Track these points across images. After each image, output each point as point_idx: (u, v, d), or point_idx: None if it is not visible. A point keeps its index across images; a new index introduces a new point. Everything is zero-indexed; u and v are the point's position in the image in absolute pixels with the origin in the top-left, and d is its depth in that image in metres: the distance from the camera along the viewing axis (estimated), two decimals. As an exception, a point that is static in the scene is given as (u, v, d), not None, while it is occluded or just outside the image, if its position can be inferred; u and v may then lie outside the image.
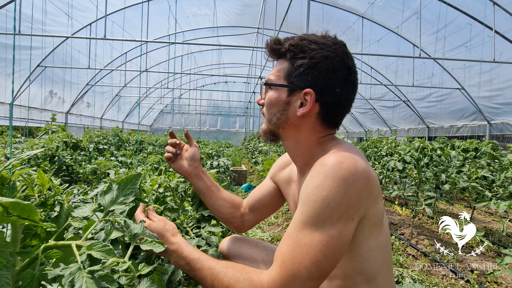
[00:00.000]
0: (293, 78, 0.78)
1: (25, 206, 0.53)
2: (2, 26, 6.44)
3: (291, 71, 0.78)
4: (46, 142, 3.08)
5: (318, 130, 0.82)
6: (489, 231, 3.52)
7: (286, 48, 0.78)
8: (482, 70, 7.52)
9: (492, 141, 4.73)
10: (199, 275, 0.73)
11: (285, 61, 0.80)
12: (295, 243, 0.65)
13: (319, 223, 0.64)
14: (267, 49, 0.84)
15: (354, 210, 0.66)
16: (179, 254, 0.77)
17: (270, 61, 0.89)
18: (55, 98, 9.97)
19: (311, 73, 0.76)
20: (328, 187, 0.64)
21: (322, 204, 0.64)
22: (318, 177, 0.67)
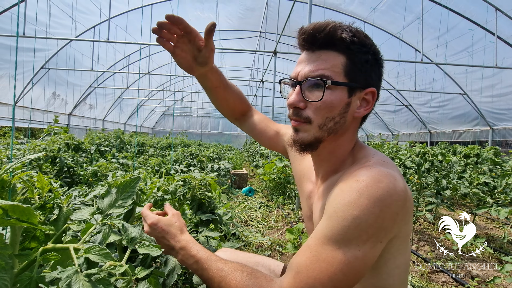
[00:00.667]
0: (356, 75, 0.68)
1: (24, 209, 0.54)
2: (7, 28, 6.52)
3: (352, 67, 0.67)
4: (48, 144, 3.10)
5: (356, 132, 0.77)
6: (490, 238, 3.49)
7: (350, 38, 0.66)
8: (484, 75, 7.52)
9: (494, 147, 4.72)
10: (206, 275, 0.71)
11: (339, 54, 0.67)
12: (314, 256, 0.61)
13: (345, 242, 0.59)
14: (311, 36, 0.68)
15: (385, 233, 0.61)
16: (187, 252, 0.75)
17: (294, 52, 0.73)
18: (58, 100, 10.05)
19: (374, 70, 0.70)
20: (361, 206, 0.59)
21: (351, 224, 0.59)
22: (351, 193, 0.61)
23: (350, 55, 0.67)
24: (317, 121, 0.69)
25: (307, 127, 0.70)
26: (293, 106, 0.70)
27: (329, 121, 0.68)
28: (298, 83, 0.69)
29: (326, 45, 0.68)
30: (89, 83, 10.93)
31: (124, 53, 10.71)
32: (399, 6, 7.08)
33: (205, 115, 21.34)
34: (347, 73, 0.67)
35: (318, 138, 0.70)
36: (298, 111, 0.70)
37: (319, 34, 0.66)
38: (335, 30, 0.66)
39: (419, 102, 10.50)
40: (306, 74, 0.68)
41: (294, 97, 0.70)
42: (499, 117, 8.05)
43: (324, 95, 0.66)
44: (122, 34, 9.04)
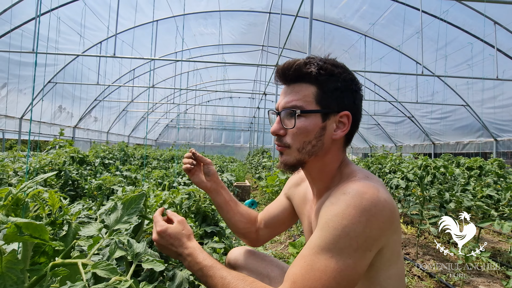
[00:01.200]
0: (327, 101, 0.76)
1: (37, 226, 0.57)
2: (17, 44, 6.75)
3: (322, 95, 0.76)
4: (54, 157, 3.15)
5: (341, 150, 0.83)
6: (497, 252, 3.42)
7: (316, 71, 0.75)
8: (485, 87, 7.56)
9: (498, 159, 4.69)
10: (210, 282, 0.74)
11: (310, 85, 0.77)
12: (308, 265, 0.65)
13: (336, 251, 0.64)
14: (282, 73, 0.79)
15: (373, 242, 0.66)
16: (193, 259, 0.79)
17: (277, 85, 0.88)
18: (64, 113, 10.23)
19: (346, 95, 0.77)
20: (349, 216, 0.64)
21: (341, 233, 0.64)
22: (339, 205, 0.67)
23: (319, 85, 0.76)
24: (295, 146, 0.78)
25: (288, 151, 0.80)
26: (275, 134, 0.81)
27: (306, 144, 0.77)
28: (278, 113, 0.80)
29: (297, 79, 0.78)
30: (95, 97, 11.14)
31: (130, 67, 10.96)
32: (398, 20, 7.23)
33: (208, 127, 21.50)
34: (318, 101, 0.76)
35: (300, 160, 0.79)
36: (280, 138, 0.80)
37: (289, 71, 0.78)
38: (301, 67, 0.76)
39: (422, 113, 10.52)
40: (282, 105, 0.79)
41: (275, 126, 0.80)
42: (502, 128, 8.02)
43: (296, 123, 0.76)
44: (128, 49, 9.28)
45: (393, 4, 6.96)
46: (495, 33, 6.16)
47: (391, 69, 8.76)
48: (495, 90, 7.39)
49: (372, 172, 5.14)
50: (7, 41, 6.61)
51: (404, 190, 3.65)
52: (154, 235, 0.84)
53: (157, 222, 0.85)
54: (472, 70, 7.35)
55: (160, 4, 7.77)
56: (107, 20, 7.45)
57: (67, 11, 7.13)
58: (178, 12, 8.08)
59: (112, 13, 6.99)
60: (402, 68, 8.42)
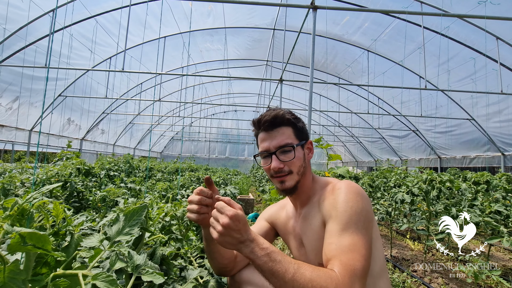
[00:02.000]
0: (301, 136, 1.06)
1: (40, 236, 0.59)
2: (31, 60, 7.01)
3: (297, 132, 1.05)
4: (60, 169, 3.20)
5: (310, 168, 1.10)
6: (508, 270, 3.31)
7: (290, 119, 1.04)
8: (490, 101, 7.53)
9: (506, 173, 4.60)
10: (278, 267, 0.74)
11: (287, 128, 1.04)
12: (341, 246, 0.80)
13: (354, 225, 0.83)
14: (271, 122, 1.02)
15: (370, 215, 0.89)
16: (258, 244, 0.77)
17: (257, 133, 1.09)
18: (72, 125, 10.44)
19: (305, 129, 1.09)
20: (351, 199, 0.88)
21: (351, 212, 0.85)
22: (341, 195, 0.91)
23: (293, 126, 1.05)
24: (295, 170, 1.02)
25: (290, 176, 1.02)
26: (277, 169, 1.00)
27: (300, 167, 1.03)
28: (273, 153, 1.01)
29: (280, 124, 1.03)
30: (102, 110, 11.38)
31: (137, 81, 11.23)
32: (400, 36, 7.34)
33: (212, 139, 21.63)
34: (297, 136, 1.05)
35: (297, 181, 1.03)
36: (280, 170, 1.01)
37: (275, 120, 1.02)
38: (284, 115, 1.03)
39: (426, 127, 10.46)
40: (276, 145, 1.01)
41: (275, 163, 1.00)
42: (510, 142, 7.91)
43: (295, 154, 1.01)
44: (136, 64, 9.55)
45: (394, 20, 7.09)
46: (498, 48, 6.21)
47: (394, 83, 8.81)
48: (500, 104, 7.36)
49: (377, 186, 5.09)
50: (21, 57, 6.88)
51: (410, 205, 3.59)
52: (226, 220, 0.75)
53: (224, 208, 0.78)
54: (475, 84, 7.35)
55: (168, 21, 8.05)
56: (117, 37, 7.72)
57: (80, 28, 7.43)
58: (185, 29, 8.34)
59: (122, 30, 7.26)
60: (405, 83, 8.47)
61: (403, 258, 3.61)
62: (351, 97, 12.29)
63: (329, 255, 0.81)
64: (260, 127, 1.04)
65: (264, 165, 1.04)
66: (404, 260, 3.55)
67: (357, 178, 5.32)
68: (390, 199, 3.93)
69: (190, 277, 1.11)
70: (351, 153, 18.59)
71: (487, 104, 7.60)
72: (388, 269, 0.89)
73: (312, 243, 1.00)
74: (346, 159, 19.75)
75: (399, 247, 4.09)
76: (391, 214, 3.77)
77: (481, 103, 7.79)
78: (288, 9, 7.13)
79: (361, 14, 7.27)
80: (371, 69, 8.78)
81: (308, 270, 0.75)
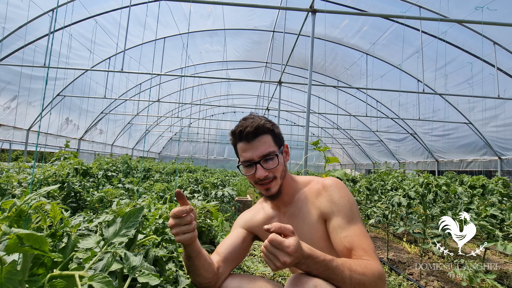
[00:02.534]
0: (279, 142, 1.12)
1: (38, 237, 0.59)
2: (29, 59, 7.00)
3: (275, 139, 1.11)
4: (58, 169, 3.19)
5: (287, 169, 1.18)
6: (503, 274, 3.33)
7: (271, 127, 1.10)
8: (487, 106, 7.59)
9: (503, 177, 4.63)
10: (336, 272, 0.81)
11: (267, 136, 1.08)
12: (355, 236, 0.94)
13: (355, 217, 0.99)
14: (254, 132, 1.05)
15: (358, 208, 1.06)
16: (314, 259, 0.80)
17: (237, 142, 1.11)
18: (70, 125, 10.41)
19: (281, 135, 1.16)
20: (344, 194, 1.03)
21: (350, 205, 1.00)
22: (335, 191, 1.04)
23: (272, 133, 1.10)
24: (279, 176, 1.08)
25: (275, 182, 1.08)
26: (263, 177, 1.05)
27: (282, 172, 1.10)
28: (257, 162, 1.05)
29: (261, 133, 1.07)
30: (101, 110, 11.36)
31: (136, 81, 11.23)
32: (398, 40, 7.39)
33: (211, 141, 21.62)
34: (276, 143, 1.10)
35: (281, 185, 1.10)
36: (266, 177, 1.06)
37: (257, 130, 1.06)
38: (264, 124, 1.07)
39: (424, 130, 10.51)
40: (260, 155, 1.05)
41: (260, 172, 1.04)
42: (506, 147, 7.97)
43: (279, 161, 1.07)
44: (135, 65, 9.56)
45: (393, 25, 7.15)
46: (495, 53, 6.26)
47: (392, 86, 8.86)
48: (497, 109, 7.42)
49: (375, 188, 5.11)
50: (20, 56, 6.87)
51: (407, 208, 3.61)
52: (287, 258, 0.74)
53: (282, 243, 0.74)
54: (472, 88, 7.41)
55: (168, 22, 8.07)
56: (116, 37, 7.73)
57: (79, 28, 7.43)
58: (185, 30, 8.36)
59: (121, 30, 7.27)
60: (403, 86, 8.52)
61: (400, 261, 3.63)
62: (350, 99, 12.34)
63: (349, 245, 0.94)
64: (242, 138, 1.06)
65: (247, 174, 1.07)
66: (400, 263, 3.57)
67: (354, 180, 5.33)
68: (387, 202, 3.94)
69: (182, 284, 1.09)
70: (349, 155, 18.63)
71: (484, 109, 7.65)
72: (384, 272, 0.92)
73: (307, 236, 1.07)
74: (344, 161, 19.79)
75: (396, 250, 4.10)
76: (388, 217, 3.79)
77: (478, 107, 7.85)
78: (287, 11, 7.17)
79: (360, 18, 7.32)
80: (370, 72, 8.83)
81: (357, 265, 0.84)
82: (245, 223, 1.23)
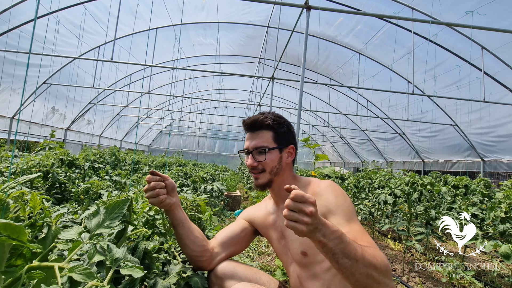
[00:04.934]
0: (280, 140, 1.15)
1: (15, 227, 0.57)
2: (14, 44, 6.73)
3: (277, 137, 1.15)
4: (42, 159, 3.10)
5: (292, 169, 1.22)
6: (482, 271, 3.46)
7: (272, 122, 1.15)
8: (473, 108, 7.80)
9: (484, 179, 4.79)
10: (350, 247, 0.75)
11: (267, 131, 1.15)
12: (356, 232, 0.94)
13: (353, 216, 1.00)
14: (250, 125, 1.15)
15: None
16: (329, 227, 0.75)
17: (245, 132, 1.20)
18: (56, 115, 10.11)
19: (290, 135, 1.19)
20: (341, 195, 1.04)
21: (348, 205, 1.02)
22: (332, 193, 1.05)
23: (274, 130, 1.15)
24: (268, 170, 1.14)
25: (263, 174, 1.14)
26: (251, 166, 1.13)
27: (273, 168, 1.14)
28: (250, 152, 1.14)
29: (260, 128, 1.15)
30: (89, 100, 11.08)
31: (126, 72, 10.98)
32: (391, 41, 7.47)
33: (202, 135, 21.46)
34: (275, 140, 1.15)
35: (270, 179, 1.15)
36: (255, 168, 1.14)
37: (254, 124, 1.15)
38: (263, 121, 1.14)
39: (412, 131, 10.74)
40: (253, 146, 1.14)
41: (250, 161, 1.14)
42: (489, 149, 8.23)
43: (266, 156, 1.12)
44: (126, 55, 9.33)
45: (386, 25, 7.21)
46: (483, 57, 6.42)
47: (383, 86, 8.98)
48: (482, 111, 7.63)
49: (362, 186, 5.20)
50: (4, 41, 6.59)
51: (392, 206, 3.70)
52: (312, 208, 0.71)
53: (304, 196, 0.72)
54: (460, 91, 7.60)
55: (161, 12, 7.89)
56: (107, 25, 7.51)
57: (67, 15, 7.18)
58: (178, 21, 8.20)
59: (112, 19, 7.06)
60: (393, 86, 8.65)
61: (384, 258, 3.72)
62: (341, 98, 12.45)
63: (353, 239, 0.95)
64: (245, 128, 1.18)
65: (245, 161, 1.18)
66: (384, 259, 3.66)
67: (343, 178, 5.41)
68: (374, 200, 4.02)
69: (172, 272, 1.11)
70: (339, 153, 18.87)
71: (470, 111, 7.86)
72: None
73: None
74: (334, 159, 20.03)
75: (380, 247, 4.20)
76: (374, 214, 3.86)
77: (464, 109, 8.06)
78: (282, 7, 7.13)
79: (354, 16, 7.35)
80: (362, 71, 8.91)
81: (366, 247, 0.82)
82: (247, 215, 1.31)
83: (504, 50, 6.25)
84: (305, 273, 1.08)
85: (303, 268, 1.08)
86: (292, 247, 1.11)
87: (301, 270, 1.09)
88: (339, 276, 0.98)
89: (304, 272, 1.08)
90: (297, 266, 1.11)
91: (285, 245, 1.15)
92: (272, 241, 1.22)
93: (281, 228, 1.17)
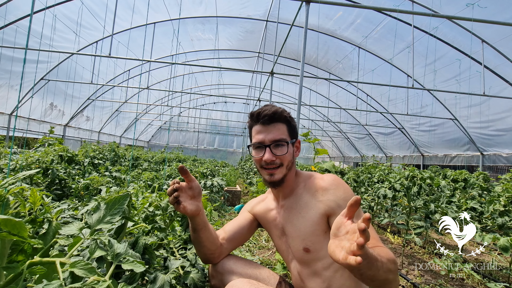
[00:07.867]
0: (293, 134, 1.14)
1: (16, 223, 0.57)
2: (11, 40, 6.67)
3: (290, 131, 1.13)
4: (42, 155, 3.10)
5: (295, 164, 1.18)
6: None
7: (287, 116, 1.13)
8: (472, 102, 7.79)
9: (483, 172, 4.82)
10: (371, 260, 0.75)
11: (282, 125, 1.11)
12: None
13: (360, 210, 0.98)
14: (270, 116, 1.09)
15: None
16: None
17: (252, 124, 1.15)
18: (55, 111, 10.07)
19: (296, 130, 1.18)
20: (348, 189, 1.04)
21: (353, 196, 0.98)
22: (340, 188, 1.04)
23: (288, 124, 1.13)
24: (285, 164, 1.10)
25: (280, 169, 1.09)
26: (270, 161, 1.07)
27: (289, 162, 1.11)
28: (268, 145, 1.08)
29: (278, 120, 1.10)
30: (88, 96, 11.02)
31: (125, 68, 10.90)
32: (390, 35, 7.42)
33: (201, 130, 21.42)
34: (290, 134, 1.13)
35: (285, 174, 1.10)
36: (272, 162, 1.08)
37: (274, 115, 1.09)
38: (282, 112, 1.11)
39: (411, 125, 10.73)
40: (271, 139, 1.08)
41: (268, 155, 1.07)
42: (488, 143, 8.24)
43: (288, 149, 1.09)
44: (124, 50, 9.25)
45: (386, 18, 7.15)
46: (483, 51, 6.39)
47: (383, 80, 8.95)
48: (482, 105, 7.62)
49: (362, 181, 5.21)
50: (0, 36, 6.53)
51: (392, 200, 3.71)
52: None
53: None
54: (460, 85, 7.57)
55: (158, 7, 7.80)
56: (104, 20, 7.43)
57: (64, 9, 7.10)
58: (176, 16, 8.12)
59: (109, 13, 6.99)
60: (393, 81, 8.61)
61: (383, 251, 3.75)
62: (341, 93, 12.41)
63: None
64: (259, 120, 1.10)
65: (256, 156, 1.11)
66: (383, 253, 3.68)
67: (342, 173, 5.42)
68: (373, 194, 4.04)
69: (172, 267, 1.12)
70: (338, 148, 18.88)
71: (469, 105, 7.85)
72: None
73: (301, 230, 1.06)
74: (333, 154, 20.06)
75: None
76: (374, 208, 3.88)
77: (464, 103, 8.04)
78: (281, 1, 7.05)
79: (354, 10, 7.28)
80: (361, 66, 8.86)
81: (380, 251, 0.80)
82: (251, 208, 1.31)
83: (504, 43, 6.21)
84: (306, 270, 1.09)
85: (304, 265, 1.09)
86: (294, 243, 1.10)
87: (302, 267, 1.10)
88: (339, 273, 1.01)
89: (305, 269, 1.09)
90: (298, 263, 1.12)
91: (286, 241, 1.15)
92: (273, 237, 1.23)
93: (282, 225, 1.15)
